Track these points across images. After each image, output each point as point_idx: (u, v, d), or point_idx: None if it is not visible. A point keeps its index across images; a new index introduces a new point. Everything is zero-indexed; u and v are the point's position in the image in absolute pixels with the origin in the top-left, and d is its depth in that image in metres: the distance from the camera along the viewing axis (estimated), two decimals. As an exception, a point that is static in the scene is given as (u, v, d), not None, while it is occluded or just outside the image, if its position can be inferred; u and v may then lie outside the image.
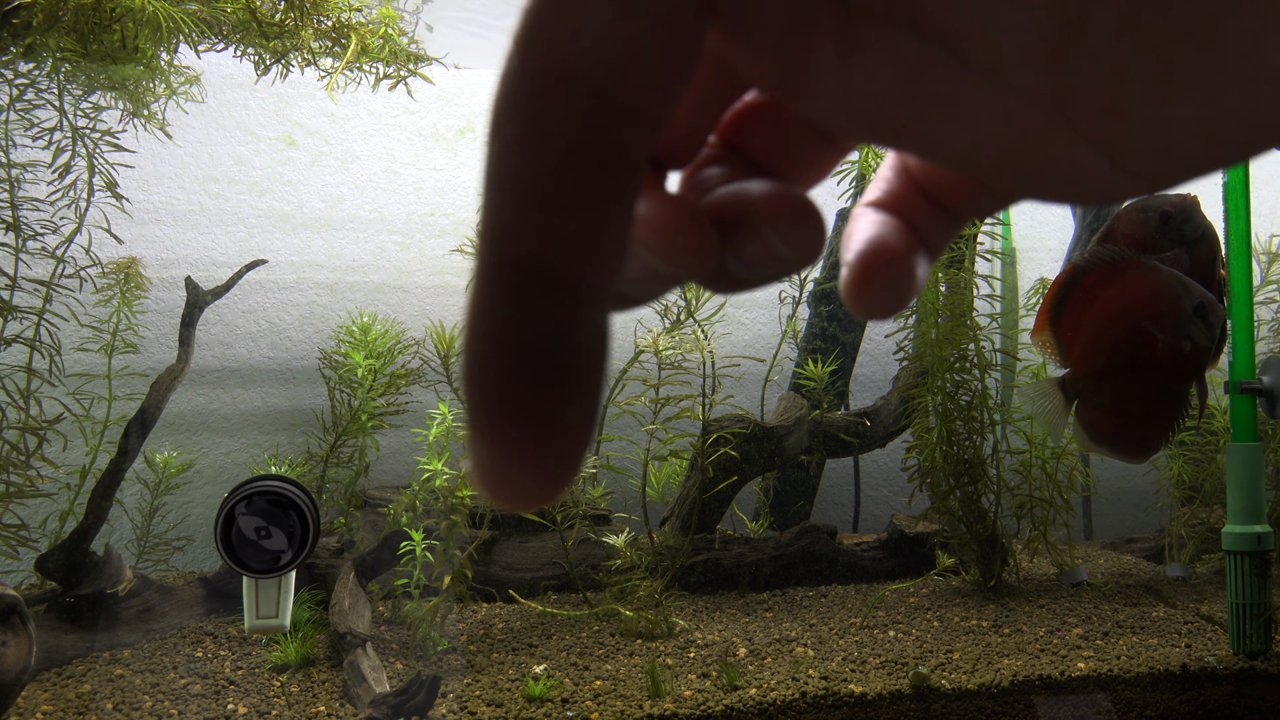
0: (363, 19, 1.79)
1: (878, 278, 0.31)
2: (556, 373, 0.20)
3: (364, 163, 2.51)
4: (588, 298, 0.21)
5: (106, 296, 2.06)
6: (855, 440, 2.34)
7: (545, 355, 0.20)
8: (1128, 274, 1.30)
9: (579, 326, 0.21)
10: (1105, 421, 1.34)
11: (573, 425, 0.20)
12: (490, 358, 0.20)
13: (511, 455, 0.20)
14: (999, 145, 0.27)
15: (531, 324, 0.20)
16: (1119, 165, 0.27)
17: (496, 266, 0.20)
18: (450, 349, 2.00)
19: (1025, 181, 0.29)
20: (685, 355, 1.96)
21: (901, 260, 0.31)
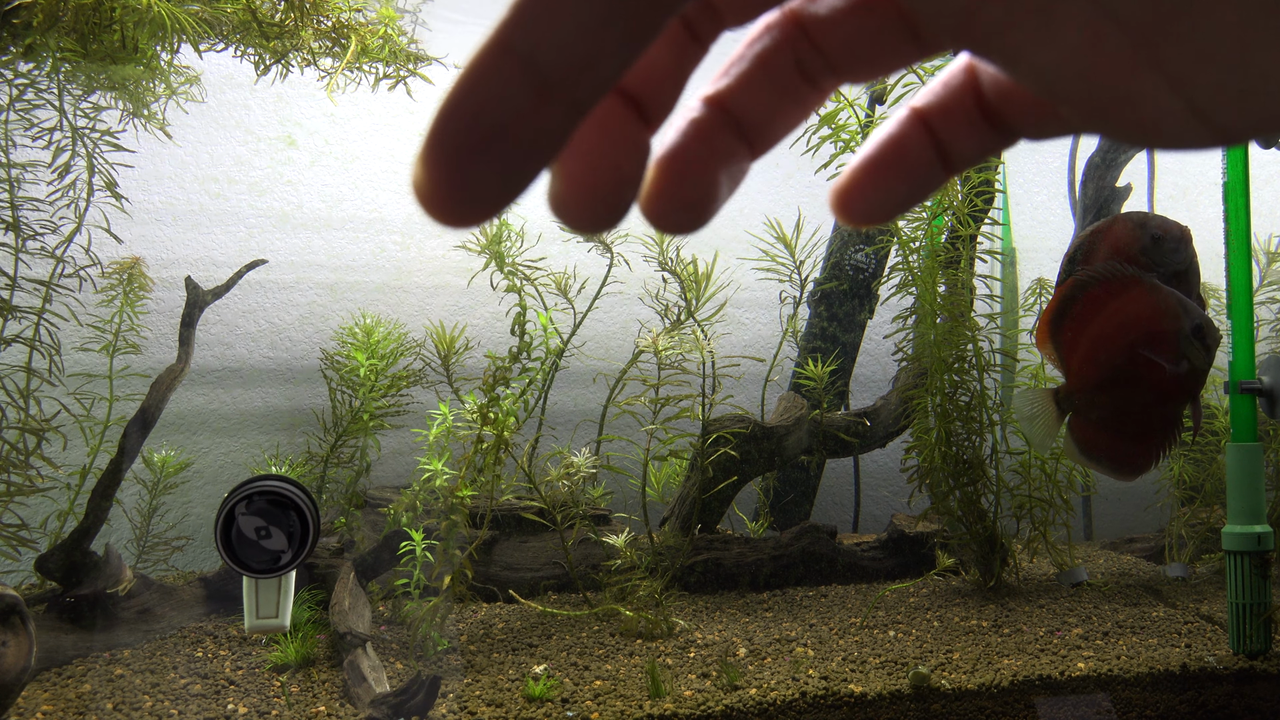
0: (363, 19, 1.79)
1: (666, 187, 0.29)
2: (503, 144, 0.22)
3: (364, 163, 2.51)
4: (560, 101, 0.23)
5: (110, 297, 2.06)
6: (855, 440, 2.34)
7: (503, 125, 0.22)
8: (1129, 291, 1.30)
9: (539, 118, 0.22)
10: (1098, 437, 1.35)
11: (494, 196, 0.23)
12: (462, 107, 0.22)
13: (440, 184, 0.22)
14: (1083, 69, 0.27)
15: (507, 97, 0.22)
16: (1197, 110, 0.27)
17: (500, 46, 0.22)
18: (450, 349, 2.00)
19: (1099, 112, 0.28)
20: (685, 355, 1.96)
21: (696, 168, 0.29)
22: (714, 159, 0.29)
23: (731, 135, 0.30)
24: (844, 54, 0.30)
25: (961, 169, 0.33)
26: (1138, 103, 0.27)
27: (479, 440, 1.76)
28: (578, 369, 2.35)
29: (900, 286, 2.14)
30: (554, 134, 0.23)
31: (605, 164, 0.26)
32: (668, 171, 0.28)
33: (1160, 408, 1.31)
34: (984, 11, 0.27)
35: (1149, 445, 1.33)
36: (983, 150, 0.33)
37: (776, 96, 0.30)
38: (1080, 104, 0.28)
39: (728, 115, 0.29)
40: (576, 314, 2.19)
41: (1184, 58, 0.26)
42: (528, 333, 1.89)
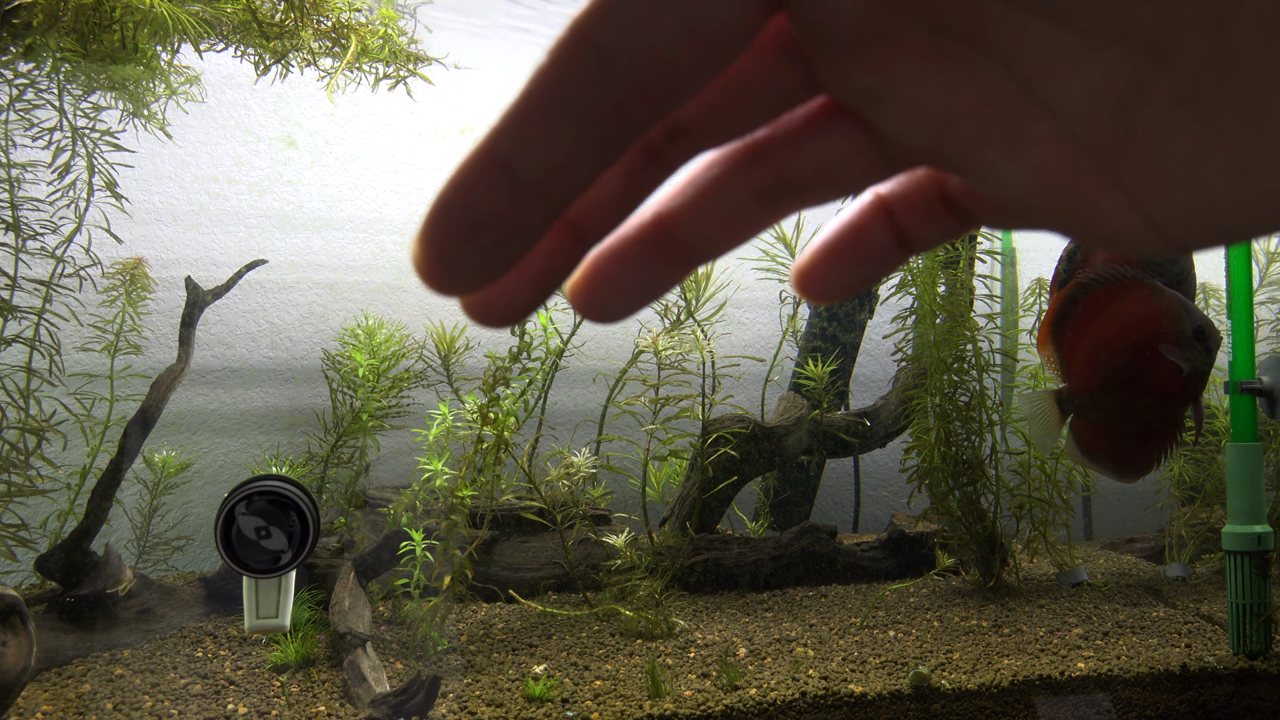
0: (363, 19, 1.79)
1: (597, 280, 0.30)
2: (485, 235, 0.26)
3: (364, 163, 2.51)
4: (535, 202, 0.26)
5: (112, 297, 2.06)
6: (855, 440, 2.34)
7: (484, 220, 0.25)
8: (1130, 293, 1.30)
9: (517, 215, 0.26)
10: (1099, 438, 1.35)
11: (478, 275, 0.26)
12: (452, 201, 0.26)
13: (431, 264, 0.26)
14: (1048, 186, 0.29)
15: (489, 197, 0.25)
16: (1152, 225, 0.29)
17: (486, 154, 0.25)
18: (451, 349, 2.00)
19: (1061, 223, 0.30)
20: (685, 355, 1.96)
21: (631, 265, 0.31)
22: (640, 275, 0.30)
23: (666, 255, 0.30)
24: (807, 178, 0.31)
25: (920, 251, 0.34)
26: (1100, 217, 0.29)
27: (479, 440, 1.76)
28: (578, 369, 2.35)
29: (900, 286, 2.14)
30: (530, 229, 0.26)
31: (527, 278, 0.28)
32: (593, 275, 0.30)
33: (1161, 409, 1.32)
34: (956, 132, 0.28)
35: (1150, 446, 1.33)
36: (943, 236, 0.34)
37: (725, 220, 0.31)
38: (1045, 215, 0.30)
39: (667, 234, 0.30)
40: (576, 314, 2.19)
41: (1142, 179, 0.28)
42: (528, 332, 1.89)
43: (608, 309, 0.30)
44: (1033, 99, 0.27)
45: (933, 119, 0.28)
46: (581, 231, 0.29)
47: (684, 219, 0.30)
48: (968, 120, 0.28)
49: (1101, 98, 0.26)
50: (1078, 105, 0.27)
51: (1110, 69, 0.26)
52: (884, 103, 0.28)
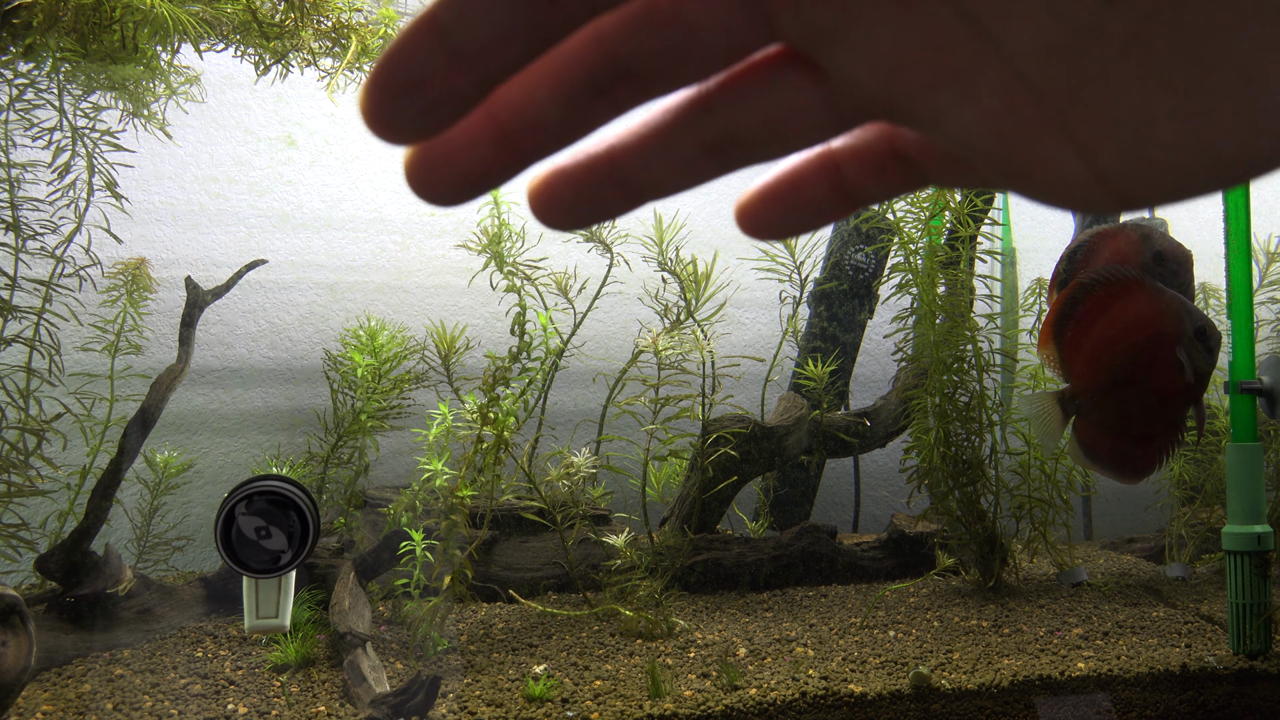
0: (363, 19, 1.80)
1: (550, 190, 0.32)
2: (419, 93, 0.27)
3: (364, 163, 2.51)
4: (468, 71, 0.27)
5: (113, 297, 2.06)
6: (855, 440, 2.34)
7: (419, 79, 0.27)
8: (1132, 294, 1.30)
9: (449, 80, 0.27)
10: (1102, 440, 1.35)
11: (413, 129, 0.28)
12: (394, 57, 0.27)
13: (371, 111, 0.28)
14: (998, 132, 0.29)
15: (425, 59, 0.27)
16: (1099, 176, 0.29)
17: (429, 20, 0.27)
18: (451, 349, 2.00)
19: (1010, 173, 0.30)
20: (685, 355, 1.96)
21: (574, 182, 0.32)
22: (586, 198, 0.31)
23: (614, 187, 0.31)
24: (755, 134, 0.31)
25: (866, 204, 0.35)
26: (1046, 166, 0.29)
27: (479, 440, 1.76)
28: (578, 369, 2.35)
29: (900, 286, 2.14)
30: (460, 95, 0.28)
31: (462, 176, 0.30)
32: (546, 186, 0.31)
33: (1163, 410, 1.32)
34: (909, 75, 0.28)
35: (1152, 448, 1.33)
36: (890, 192, 0.34)
37: (672, 167, 0.31)
38: (995, 164, 0.30)
39: (617, 169, 0.31)
40: (576, 314, 2.19)
41: (1090, 127, 0.28)
42: (527, 333, 1.89)
43: (554, 219, 0.32)
44: (986, 43, 0.27)
45: (886, 61, 0.28)
46: (518, 146, 0.29)
47: (633, 159, 0.31)
48: (921, 63, 0.28)
49: (1053, 42, 0.27)
50: (1030, 49, 0.27)
51: (1062, 12, 0.26)
52: (838, 42, 0.28)
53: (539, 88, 0.29)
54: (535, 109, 0.29)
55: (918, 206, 2.08)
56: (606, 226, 2.09)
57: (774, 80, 0.30)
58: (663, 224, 2.04)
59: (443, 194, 0.30)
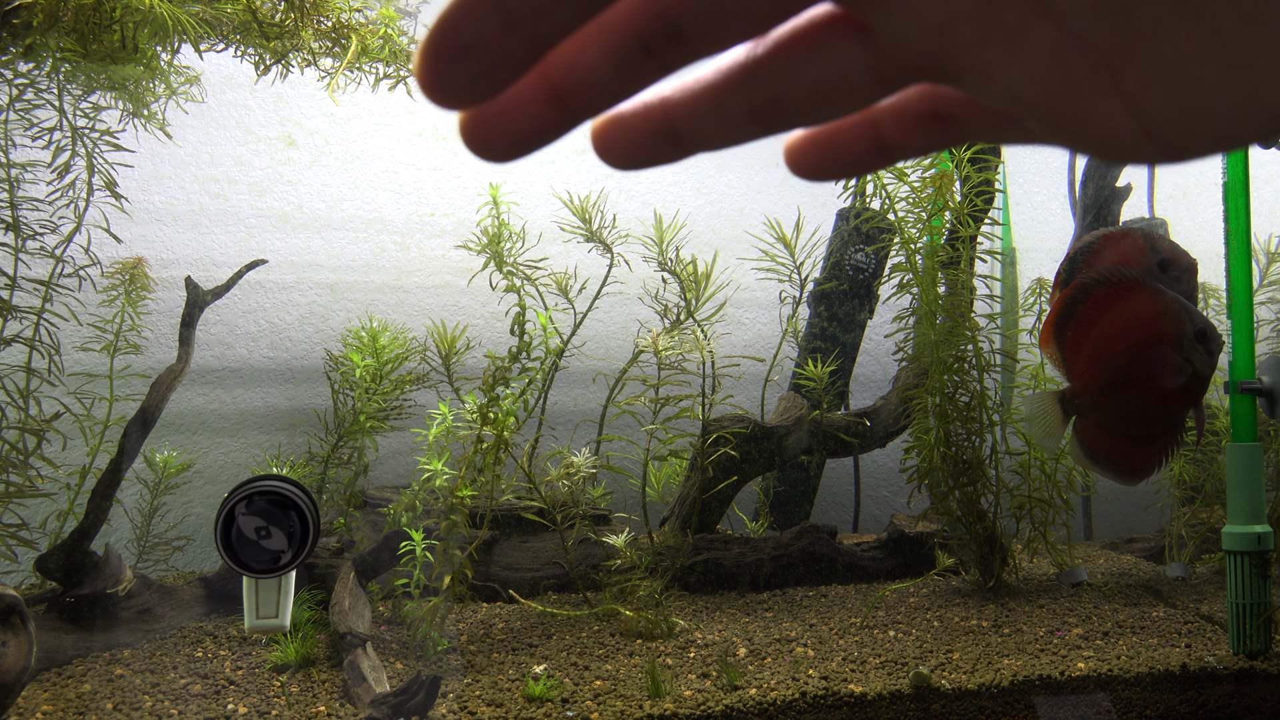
0: (363, 19, 1.79)
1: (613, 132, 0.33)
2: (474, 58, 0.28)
3: (364, 163, 2.51)
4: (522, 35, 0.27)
5: (111, 297, 2.06)
6: (855, 440, 2.34)
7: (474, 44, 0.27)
8: (1132, 295, 1.30)
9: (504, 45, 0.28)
10: (1102, 440, 1.35)
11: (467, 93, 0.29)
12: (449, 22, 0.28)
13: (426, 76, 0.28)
14: (1047, 87, 0.29)
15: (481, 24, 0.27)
16: (1148, 129, 0.29)
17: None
18: (451, 349, 2.00)
19: (1059, 127, 0.30)
20: (685, 355, 1.96)
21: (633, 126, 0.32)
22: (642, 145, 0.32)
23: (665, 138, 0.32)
24: (800, 99, 0.31)
25: (905, 159, 0.35)
26: (1095, 120, 0.29)
27: (479, 440, 1.76)
28: (578, 369, 2.35)
29: (901, 286, 2.14)
30: (515, 59, 0.28)
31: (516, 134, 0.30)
32: (605, 130, 0.32)
33: (1163, 411, 1.32)
34: (956, 31, 0.28)
35: (1152, 449, 1.33)
36: (929, 147, 0.35)
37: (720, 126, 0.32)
38: (1043, 119, 0.30)
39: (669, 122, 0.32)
40: (577, 314, 2.19)
41: (1139, 80, 0.28)
42: (527, 333, 1.89)
43: (612, 158, 0.33)
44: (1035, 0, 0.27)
45: (933, 17, 0.28)
46: (570, 104, 0.30)
47: (685, 114, 0.32)
48: (969, 19, 0.28)
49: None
50: (1079, 6, 0.27)
51: None
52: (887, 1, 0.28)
53: (590, 47, 0.29)
54: (587, 68, 0.29)
55: (918, 206, 2.08)
56: (607, 226, 2.09)
57: (819, 46, 0.31)
58: (663, 224, 2.04)
59: (498, 151, 0.31)
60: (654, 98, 0.32)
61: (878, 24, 0.29)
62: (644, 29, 0.29)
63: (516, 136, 0.30)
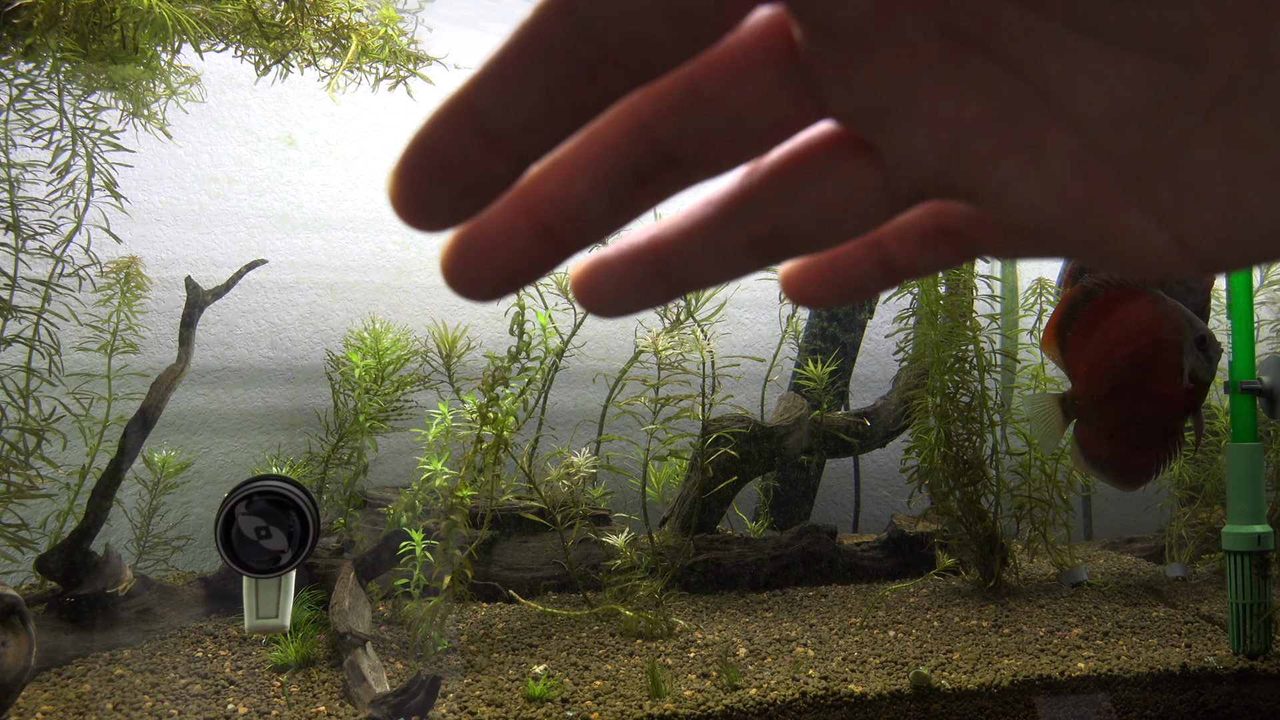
0: (363, 19, 1.79)
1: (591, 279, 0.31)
2: (453, 178, 0.27)
3: (364, 163, 2.51)
4: (504, 153, 0.26)
5: (107, 296, 2.06)
6: (855, 440, 2.34)
7: (453, 164, 0.26)
8: (1133, 301, 1.31)
9: (485, 164, 0.26)
10: (1101, 445, 1.35)
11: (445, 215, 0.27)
12: (426, 141, 0.27)
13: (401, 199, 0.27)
14: (1069, 203, 0.27)
15: (460, 142, 0.26)
16: (1183, 244, 0.27)
17: (462, 101, 0.26)
18: (452, 349, 2.00)
19: (1082, 243, 0.28)
20: (685, 355, 1.96)
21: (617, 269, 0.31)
22: (629, 289, 0.30)
23: (655, 278, 0.30)
24: (804, 227, 0.30)
25: (912, 278, 0.34)
26: (1124, 236, 0.27)
27: (479, 440, 1.76)
28: (578, 369, 2.35)
29: (901, 286, 2.14)
30: (496, 178, 0.27)
31: (501, 271, 0.29)
32: (588, 275, 0.31)
33: (1162, 418, 1.32)
34: (969, 147, 0.27)
35: (1150, 455, 1.34)
36: (938, 266, 0.33)
37: (715, 261, 0.30)
38: (1065, 235, 0.28)
39: (659, 261, 0.30)
40: (577, 314, 2.19)
41: (1172, 194, 0.26)
42: (526, 332, 1.89)
43: (599, 308, 0.31)
44: (1052, 110, 0.26)
45: (945, 134, 0.27)
46: (559, 239, 0.28)
47: (676, 251, 0.30)
48: (982, 134, 0.26)
49: (1127, 108, 0.25)
50: (1101, 117, 0.25)
51: (1136, 78, 0.25)
52: (892, 117, 0.27)
53: (579, 178, 0.28)
54: (576, 200, 0.28)
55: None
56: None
57: (821, 169, 0.29)
58: (663, 224, 2.04)
59: (482, 291, 0.29)
60: (640, 237, 0.30)
61: (883, 143, 0.28)
62: (635, 155, 0.28)
63: (503, 275, 0.29)
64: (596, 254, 0.30)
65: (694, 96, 0.27)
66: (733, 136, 0.27)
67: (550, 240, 0.28)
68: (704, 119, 0.27)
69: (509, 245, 0.28)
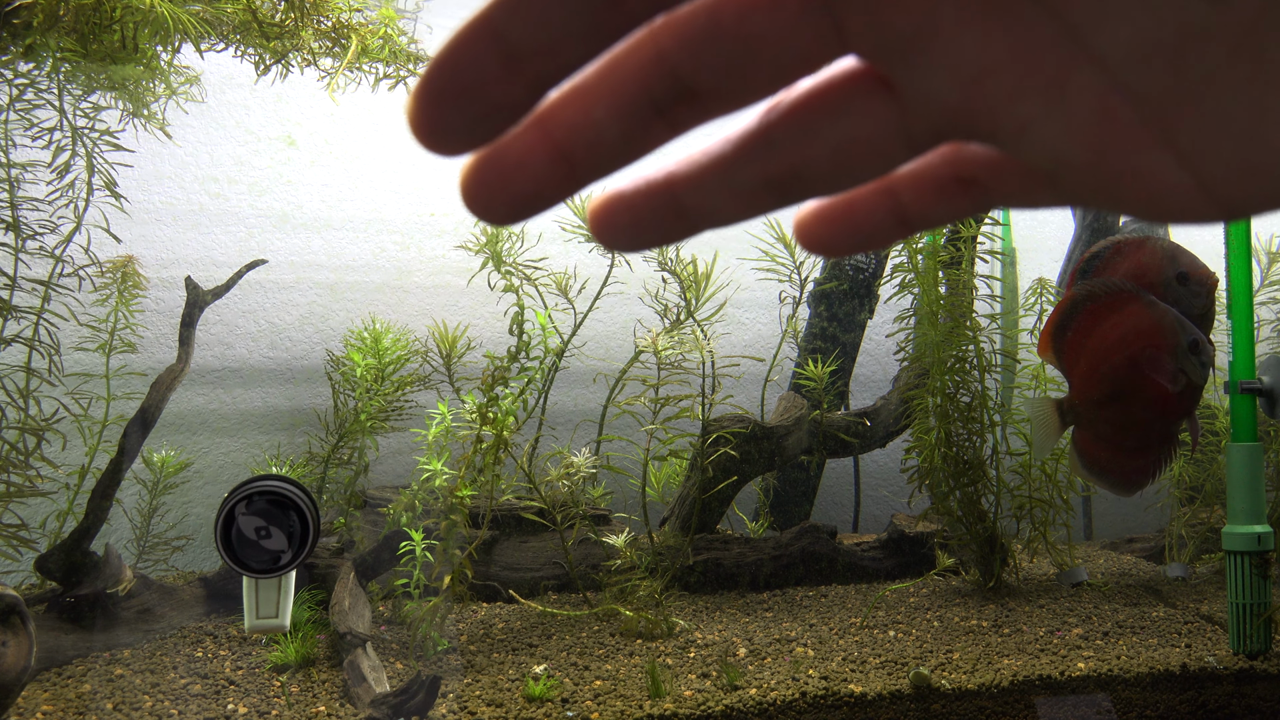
0: (363, 19, 1.79)
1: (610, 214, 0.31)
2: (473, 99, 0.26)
3: (364, 163, 2.51)
4: (523, 74, 0.26)
5: (104, 296, 2.06)
6: (855, 440, 2.34)
7: (473, 84, 0.26)
8: (1127, 306, 1.31)
9: (505, 85, 0.26)
10: (1099, 451, 1.36)
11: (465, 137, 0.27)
12: (446, 62, 0.26)
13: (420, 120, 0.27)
14: (1090, 142, 0.27)
15: (480, 63, 0.26)
16: (1205, 185, 0.27)
17: (483, 23, 0.26)
18: (453, 349, 2.00)
19: (1101, 185, 0.28)
20: (685, 355, 1.96)
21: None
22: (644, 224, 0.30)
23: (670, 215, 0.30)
24: (821, 168, 0.29)
25: (926, 228, 0.33)
26: (1146, 177, 0.27)
27: (478, 440, 1.76)
28: (578, 369, 2.35)
29: (901, 286, 2.14)
30: (516, 101, 0.27)
31: (518, 196, 0.29)
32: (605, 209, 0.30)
33: (1157, 423, 1.33)
34: (992, 84, 0.26)
35: (1146, 460, 1.34)
36: (952, 215, 0.32)
37: (730, 199, 0.30)
38: (1085, 176, 0.28)
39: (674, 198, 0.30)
40: (577, 314, 2.19)
41: (1195, 133, 0.26)
42: (526, 332, 1.89)
43: (614, 242, 0.31)
44: (1077, 47, 0.25)
45: (968, 70, 0.26)
46: (575, 166, 0.28)
47: (691, 188, 0.30)
48: (1005, 70, 0.26)
49: (1153, 46, 0.25)
50: (1126, 54, 0.25)
51: (1163, 13, 0.24)
52: (915, 51, 0.26)
53: (597, 107, 0.28)
54: (593, 128, 0.28)
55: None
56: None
57: (841, 106, 0.28)
58: (663, 224, 2.04)
59: (499, 214, 0.29)
60: (657, 172, 0.30)
61: (904, 79, 0.27)
62: (654, 86, 0.27)
63: (519, 199, 0.29)
64: (613, 188, 0.30)
65: (714, 28, 0.27)
66: (752, 70, 0.27)
67: (567, 166, 0.28)
68: (723, 51, 0.27)
69: (527, 169, 0.28)
